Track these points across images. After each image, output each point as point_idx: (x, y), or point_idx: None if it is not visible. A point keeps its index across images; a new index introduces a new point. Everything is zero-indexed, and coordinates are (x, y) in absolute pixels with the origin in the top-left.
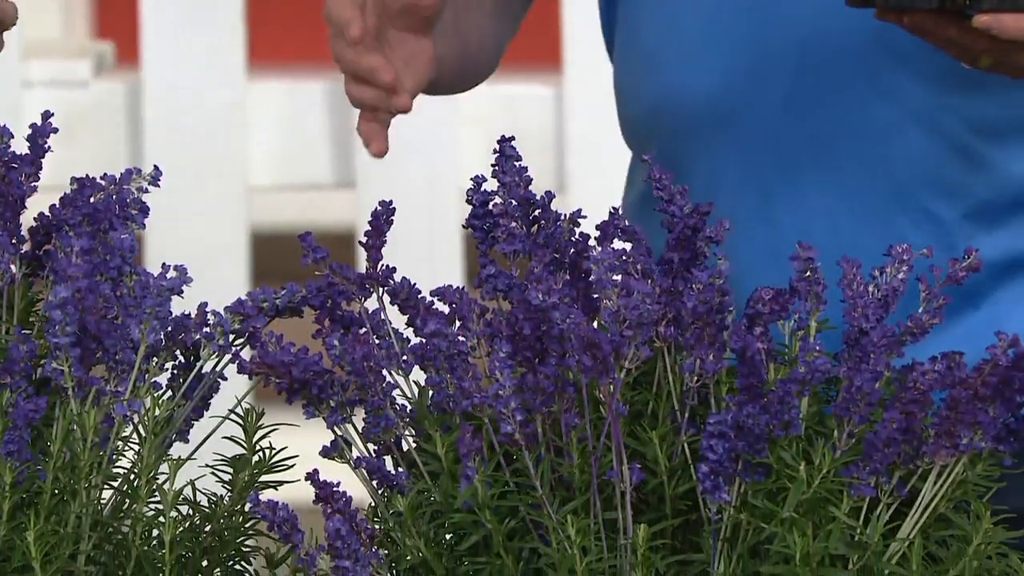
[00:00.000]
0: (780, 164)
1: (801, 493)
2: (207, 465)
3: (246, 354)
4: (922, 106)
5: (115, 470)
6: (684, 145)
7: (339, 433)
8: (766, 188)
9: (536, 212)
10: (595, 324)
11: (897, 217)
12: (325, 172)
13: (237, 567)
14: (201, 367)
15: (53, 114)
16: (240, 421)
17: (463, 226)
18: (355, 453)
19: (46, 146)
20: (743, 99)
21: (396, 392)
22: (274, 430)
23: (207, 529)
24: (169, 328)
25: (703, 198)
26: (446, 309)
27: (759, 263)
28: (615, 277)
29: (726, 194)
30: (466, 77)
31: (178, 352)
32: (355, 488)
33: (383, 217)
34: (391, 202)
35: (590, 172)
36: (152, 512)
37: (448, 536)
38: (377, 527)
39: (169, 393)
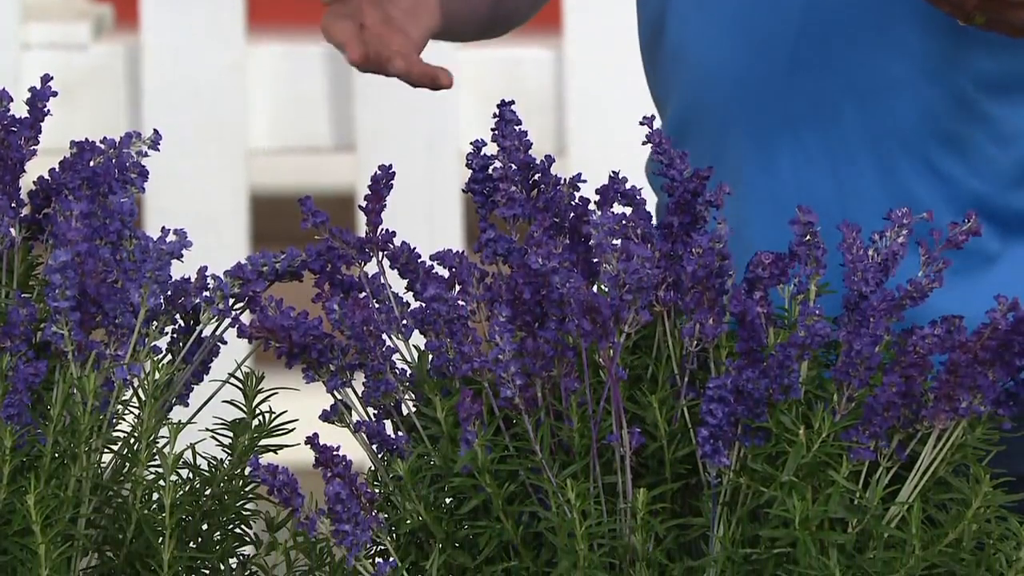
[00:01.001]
0: (785, 117)
1: (800, 457)
2: (207, 429)
3: (246, 318)
4: (929, 61)
5: (115, 434)
6: (696, 98)
7: (339, 397)
8: (770, 140)
9: (536, 176)
10: (595, 288)
11: (900, 169)
12: (325, 135)
13: (237, 531)
14: (201, 331)
15: (52, 77)
16: (240, 385)
17: (463, 190)
18: (355, 417)
19: (45, 109)
20: (749, 54)
21: (396, 356)
22: (274, 394)
23: (207, 493)
24: (169, 292)
25: (711, 152)
26: (446, 273)
27: (761, 215)
28: (615, 241)
29: (732, 147)
30: (496, 22)
31: (178, 316)
32: (355, 452)
33: (383, 181)
34: (391, 166)
35: (590, 134)
36: (152, 476)
37: (448, 500)
38: (377, 491)
39: (169, 357)
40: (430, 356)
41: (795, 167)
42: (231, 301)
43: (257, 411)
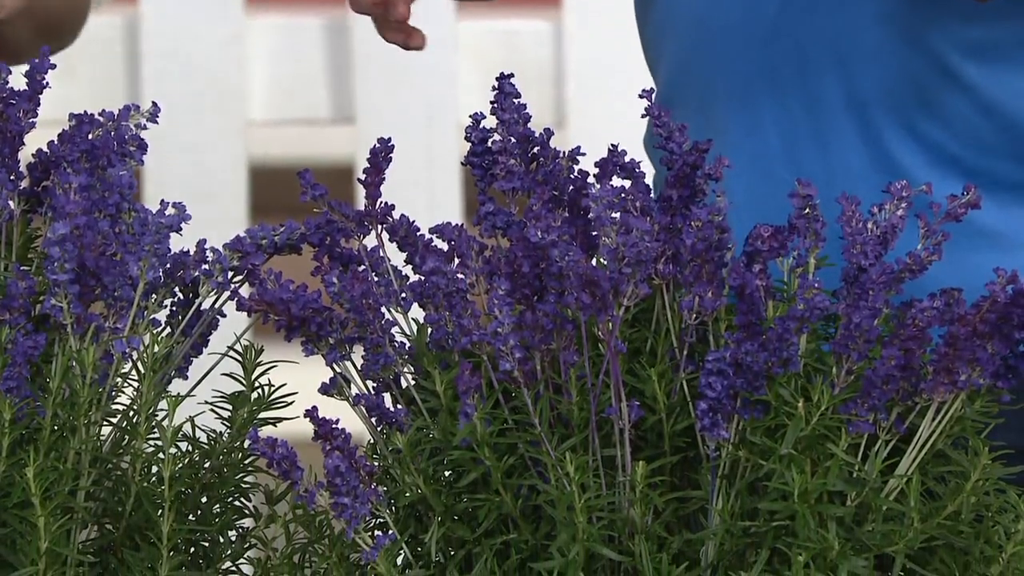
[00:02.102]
0: (769, 78)
1: (799, 430)
2: (206, 402)
3: (245, 291)
4: (911, 28)
5: (114, 406)
6: (683, 61)
7: (338, 370)
8: (755, 103)
9: (535, 149)
10: (594, 261)
11: (883, 133)
12: (323, 107)
13: (236, 503)
14: (200, 304)
15: (51, 49)
16: (239, 358)
17: (462, 163)
18: (354, 390)
19: (44, 82)
20: (735, 18)
21: (395, 329)
22: (273, 367)
23: (206, 466)
24: (168, 265)
25: (698, 114)
26: (445, 246)
27: (746, 176)
28: (614, 214)
29: (718, 109)
30: None
31: (177, 289)
32: (354, 425)
33: (382, 154)
34: (390, 139)
35: (589, 105)
36: (151, 448)
37: (447, 473)
38: (376, 464)
39: (168, 330)
40: (429, 329)
41: (780, 130)
42: (230, 274)
43: (256, 384)
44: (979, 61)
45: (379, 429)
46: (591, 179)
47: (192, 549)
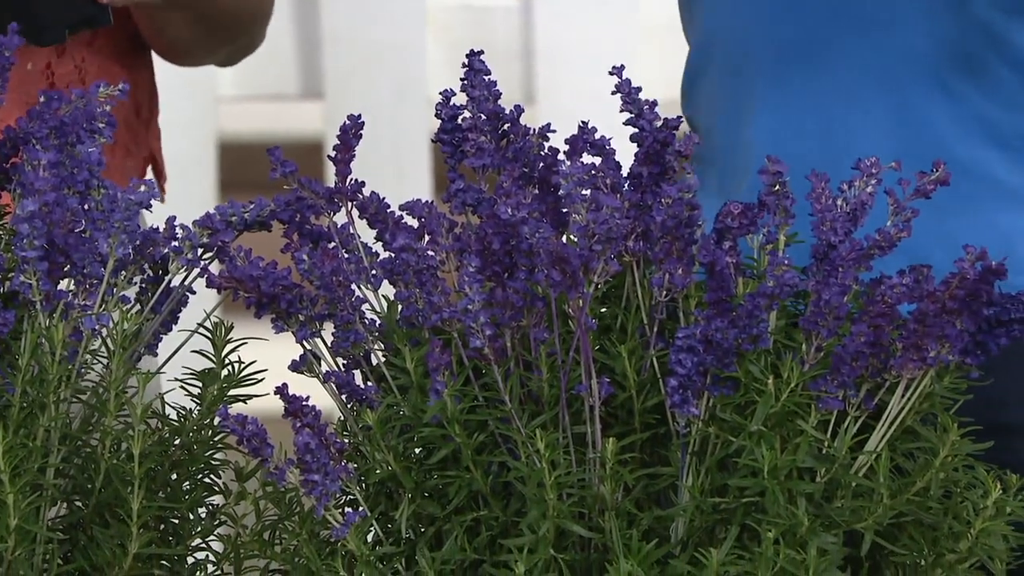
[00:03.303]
0: (802, 33)
1: (769, 407)
2: (176, 379)
3: (215, 268)
4: None
5: (84, 384)
6: (715, 28)
7: (308, 347)
8: (786, 56)
9: (505, 126)
10: (564, 238)
11: (913, 92)
12: (292, 83)
13: (206, 480)
14: (169, 281)
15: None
16: (209, 335)
17: (432, 140)
18: (324, 367)
19: (12, 58)
20: None
21: (365, 306)
22: (243, 344)
23: (176, 443)
24: (137, 242)
25: (730, 79)
26: (415, 223)
27: (775, 132)
28: (584, 191)
29: (749, 63)
30: None
31: (146, 266)
32: (324, 402)
33: (352, 131)
34: (360, 116)
35: (558, 83)
36: (121, 426)
37: (417, 450)
38: (346, 441)
39: (137, 307)
40: (399, 306)
41: (812, 92)
42: (200, 251)
43: (226, 361)
44: (1015, 19)
45: (349, 406)
46: (561, 156)
47: (162, 526)
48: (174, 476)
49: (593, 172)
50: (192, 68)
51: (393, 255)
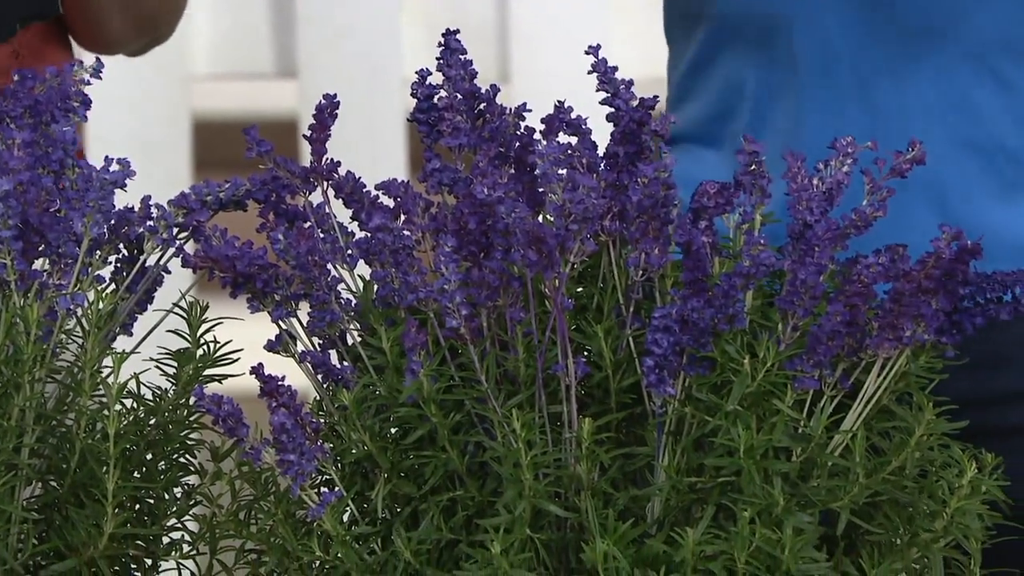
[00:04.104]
0: (845, 12)
1: (745, 386)
2: (151, 359)
3: (190, 248)
4: None
5: (59, 363)
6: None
7: (284, 327)
8: (828, 35)
9: (481, 106)
10: (540, 218)
11: (966, 76)
12: (266, 61)
13: (182, 460)
14: (144, 260)
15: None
16: (184, 315)
17: (408, 119)
18: (300, 347)
19: None
20: None
21: (341, 286)
22: (218, 324)
23: (151, 423)
24: (112, 221)
25: (760, 49)
26: (391, 203)
27: (816, 111)
28: (560, 171)
29: (784, 40)
30: None
31: (121, 245)
32: (300, 382)
33: (327, 110)
34: (335, 95)
35: (533, 62)
36: (96, 406)
37: (393, 430)
38: (322, 421)
39: (113, 286)
40: (375, 286)
41: (854, 65)
42: (175, 231)
43: (201, 341)
44: None
45: (325, 386)
46: (537, 136)
47: (137, 506)
48: (149, 456)
49: (569, 152)
50: (163, 47)
51: (369, 235)
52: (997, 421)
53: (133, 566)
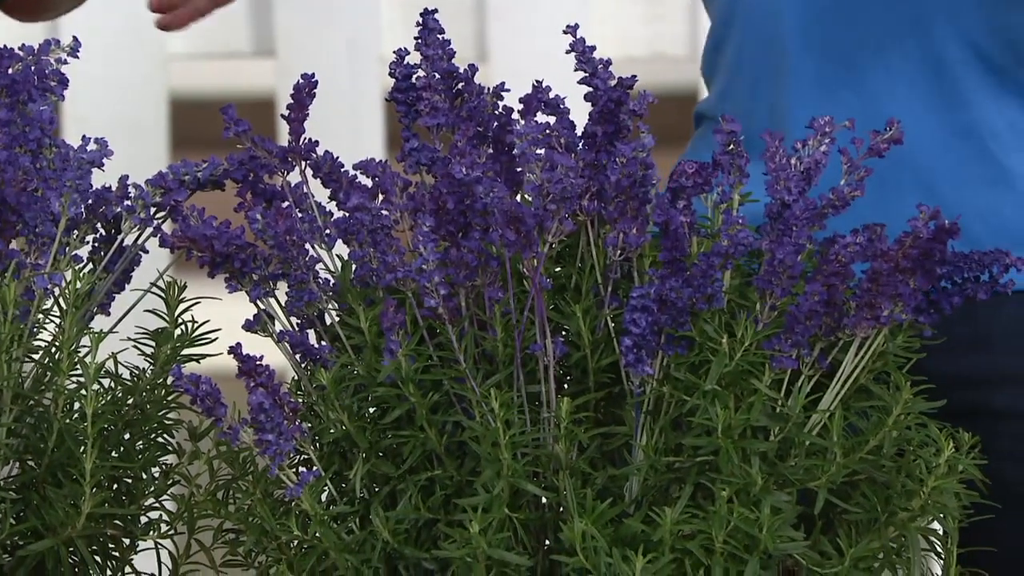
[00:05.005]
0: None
1: (723, 366)
2: (129, 338)
3: (168, 227)
4: None
5: (36, 343)
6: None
7: (262, 307)
8: (823, 26)
9: (459, 85)
10: (519, 198)
11: (956, 62)
12: (244, 40)
13: (159, 440)
14: (122, 240)
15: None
16: (162, 294)
17: (386, 99)
18: (278, 327)
19: None
20: None
21: (319, 266)
22: (196, 303)
23: (129, 402)
24: (90, 201)
25: (760, 40)
26: (369, 183)
27: (810, 100)
28: (539, 151)
29: (781, 32)
30: None
31: (99, 225)
32: (278, 361)
33: (305, 90)
34: (313, 75)
35: (511, 41)
36: (74, 385)
37: (371, 410)
38: (300, 401)
39: (90, 266)
40: (353, 266)
41: (847, 61)
42: (153, 210)
43: (179, 320)
44: None
45: (303, 366)
46: (516, 115)
47: (115, 486)
48: (127, 436)
49: (547, 131)
50: (141, 26)
51: (347, 215)
52: (980, 403)
53: (111, 545)
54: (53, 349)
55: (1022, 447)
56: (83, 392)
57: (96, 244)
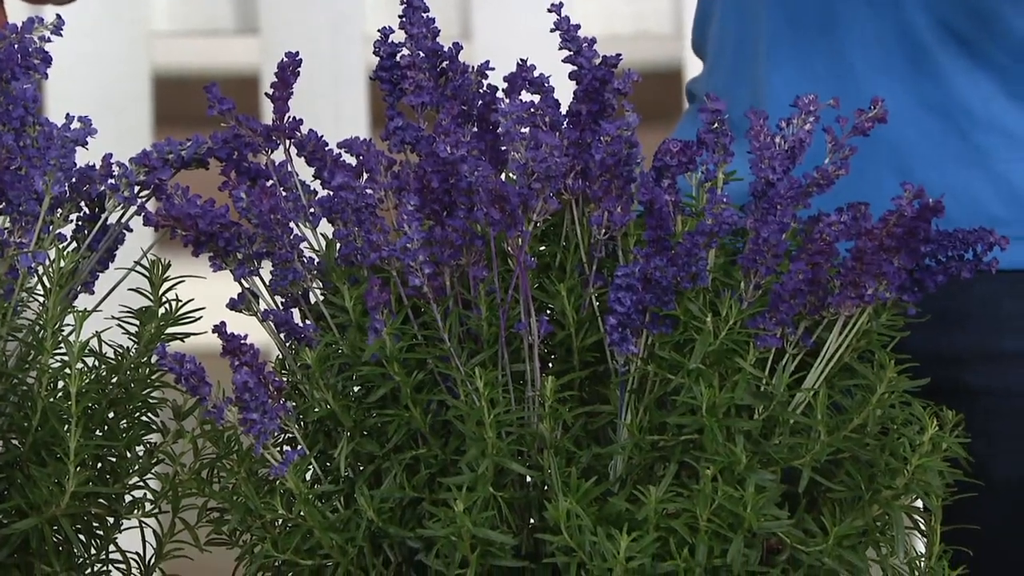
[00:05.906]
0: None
1: (708, 344)
2: (113, 317)
3: (152, 206)
4: None
5: (20, 322)
6: None
7: (246, 285)
8: (798, 19)
9: (444, 64)
10: (503, 176)
11: (930, 39)
12: (227, 17)
13: (144, 419)
14: (106, 219)
15: None
16: (146, 273)
17: (370, 78)
18: (263, 305)
19: None
20: None
21: (304, 245)
22: (180, 282)
23: (113, 381)
24: (74, 179)
25: (738, 13)
26: (353, 161)
27: (790, 78)
28: (523, 129)
29: (758, 7)
30: None
31: (83, 203)
32: (263, 340)
33: (289, 68)
34: (297, 53)
35: (497, 20)
36: (58, 364)
37: (356, 389)
38: (285, 379)
39: (74, 245)
40: (338, 244)
41: (825, 37)
42: (137, 188)
43: (164, 299)
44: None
45: (288, 345)
46: (500, 94)
47: (99, 464)
48: (111, 414)
49: (532, 110)
50: (124, 3)
51: (331, 193)
52: (963, 380)
53: (95, 524)
54: (37, 328)
55: (995, 425)
56: (67, 371)
57: (80, 223)
